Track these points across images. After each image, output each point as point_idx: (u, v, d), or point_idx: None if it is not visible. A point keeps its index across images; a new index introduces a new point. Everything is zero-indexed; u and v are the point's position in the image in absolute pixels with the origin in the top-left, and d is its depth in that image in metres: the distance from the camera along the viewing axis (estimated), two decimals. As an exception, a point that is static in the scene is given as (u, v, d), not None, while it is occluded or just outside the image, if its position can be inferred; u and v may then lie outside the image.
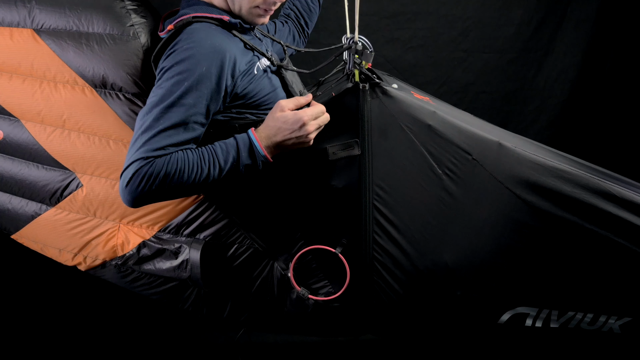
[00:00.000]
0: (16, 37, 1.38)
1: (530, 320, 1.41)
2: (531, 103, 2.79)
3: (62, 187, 1.48)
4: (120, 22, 1.34)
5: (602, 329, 1.40)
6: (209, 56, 1.22)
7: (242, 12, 1.34)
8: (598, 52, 2.71)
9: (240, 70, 1.28)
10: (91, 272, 1.60)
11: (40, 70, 1.38)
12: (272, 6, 1.33)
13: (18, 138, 1.46)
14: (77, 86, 1.38)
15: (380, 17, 2.61)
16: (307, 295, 1.42)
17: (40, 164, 1.48)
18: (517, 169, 1.28)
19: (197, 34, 1.25)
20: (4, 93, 1.42)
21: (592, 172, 1.32)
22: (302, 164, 1.34)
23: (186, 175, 1.18)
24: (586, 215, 1.28)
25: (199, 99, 1.20)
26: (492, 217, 1.32)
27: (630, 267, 1.32)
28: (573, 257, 1.33)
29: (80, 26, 1.35)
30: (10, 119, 1.45)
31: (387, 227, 1.37)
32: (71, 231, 1.53)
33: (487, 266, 1.36)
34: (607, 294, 1.36)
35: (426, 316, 1.45)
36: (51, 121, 1.41)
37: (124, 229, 1.50)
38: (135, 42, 1.34)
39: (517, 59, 2.73)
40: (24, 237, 1.60)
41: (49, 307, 2.68)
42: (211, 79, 1.21)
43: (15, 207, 1.55)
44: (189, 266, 1.42)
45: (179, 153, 1.18)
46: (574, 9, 2.66)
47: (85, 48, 1.35)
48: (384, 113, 1.30)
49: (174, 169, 1.16)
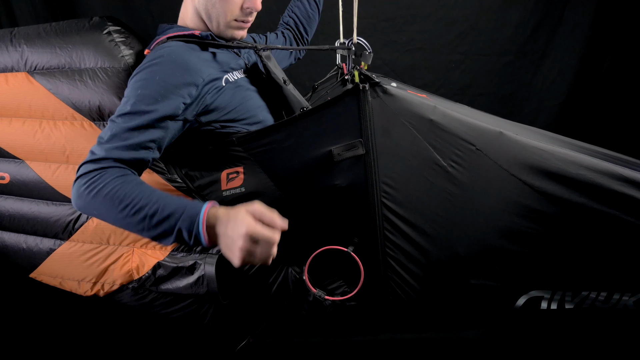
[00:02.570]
0: (11, 82, 1.42)
1: (545, 303, 1.43)
2: (528, 105, 2.81)
3: (73, 220, 1.51)
4: (111, 55, 1.38)
5: (616, 307, 1.41)
6: (167, 66, 1.26)
7: (220, 29, 1.39)
8: (595, 54, 2.71)
9: (204, 79, 1.31)
10: (109, 298, 1.63)
11: (38, 110, 1.42)
12: (249, 17, 1.37)
13: (25, 178, 1.49)
14: (75, 121, 1.41)
15: (378, 20, 2.64)
16: (324, 297, 1.43)
17: (49, 201, 1.51)
18: (520, 155, 1.30)
19: (163, 49, 1.31)
20: (6, 137, 1.46)
21: (595, 153, 1.34)
22: (308, 167, 1.36)
23: (127, 195, 1.14)
24: (593, 195, 1.29)
25: (152, 105, 1.22)
26: (500, 204, 1.34)
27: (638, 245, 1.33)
28: (583, 237, 1.34)
29: (72, 63, 1.39)
30: (15, 160, 1.48)
31: (397, 223, 1.38)
32: (87, 261, 1.55)
33: (498, 253, 1.37)
34: (619, 271, 1.37)
35: (443, 307, 1.46)
36: (55, 158, 1.45)
37: (138, 252, 1.53)
38: (127, 72, 1.37)
39: (514, 61, 2.75)
40: (42, 274, 1.63)
41: (42, 303, 2.65)
42: (167, 88, 1.24)
43: (30, 245, 1.58)
44: (206, 281, 1.44)
45: (134, 176, 1.18)
46: (570, 12, 2.67)
47: (79, 84, 1.38)
48: (385, 111, 1.32)
49: (117, 184, 1.14)
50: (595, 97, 2.77)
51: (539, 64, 2.76)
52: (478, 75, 2.76)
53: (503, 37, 2.71)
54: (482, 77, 2.76)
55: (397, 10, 2.65)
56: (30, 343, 2.59)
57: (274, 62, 1.51)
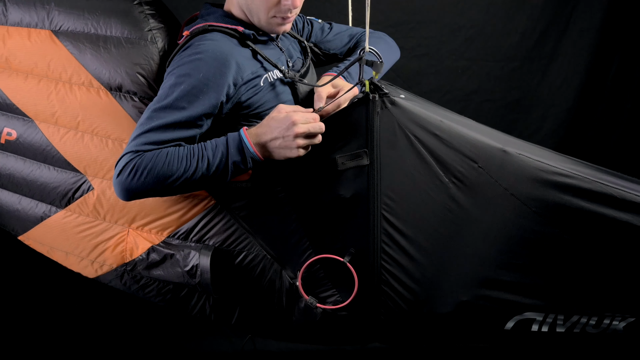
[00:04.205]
0: (34, 38, 1.39)
1: (536, 326, 1.42)
2: (535, 111, 2.81)
3: (73, 189, 1.48)
4: (138, 27, 1.36)
5: (606, 331, 1.42)
6: (211, 64, 1.26)
7: (261, 24, 1.36)
8: (602, 60, 2.73)
9: (243, 78, 1.31)
10: (99, 280, 1.59)
11: (56, 71, 1.39)
12: (288, 13, 1.34)
13: (31, 139, 1.46)
14: (92, 88, 1.38)
15: (384, 26, 2.58)
16: (316, 304, 1.42)
17: (52, 166, 1.48)
18: (521, 175, 1.30)
19: (205, 41, 1.30)
20: (19, 93, 1.43)
21: (596, 174, 1.33)
22: (311, 173, 1.35)
23: (175, 167, 1.21)
24: (589, 219, 1.29)
25: (193, 103, 1.24)
26: (499, 224, 1.33)
27: (632, 267, 1.34)
28: (577, 260, 1.34)
29: (99, 29, 1.37)
30: (25, 119, 1.45)
31: (396, 236, 1.37)
32: (79, 234, 1.52)
33: (494, 273, 1.37)
34: (610, 295, 1.38)
35: (434, 323, 1.45)
36: (65, 122, 1.42)
37: (133, 234, 1.50)
38: (152, 47, 1.35)
39: (521, 67, 2.74)
40: (31, 239, 1.59)
41: (50, 311, 2.67)
42: (208, 85, 1.25)
43: (25, 207, 1.55)
44: (199, 271, 1.41)
45: (169, 148, 1.23)
46: (577, 18, 2.68)
47: (103, 51, 1.36)
48: (392, 123, 1.31)
49: (162, 161, 1.20)
50: (602, 102, 2.78)
51: (546, 70, 2.75)
52: (484, 81, 2.76)
53: (510, 43, 2.71)
54: (488, 83, 2.76)
55: (403, 16, 2.65)
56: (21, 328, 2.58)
57: (309, 75, 1.50)
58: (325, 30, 1.68)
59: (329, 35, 1.68)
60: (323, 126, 1.26)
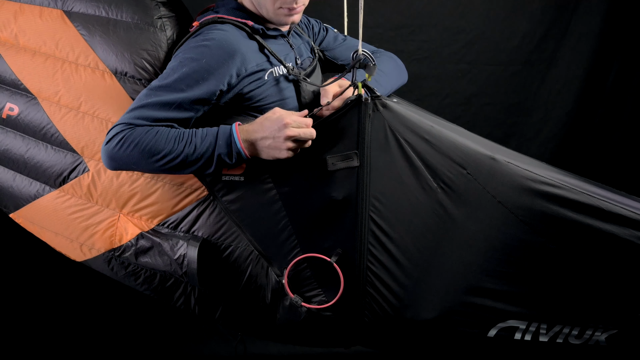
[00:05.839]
0: (45, 16, 1.41)
1: (519, 334, 1.42)
2: (535, 115, 2.81)
3: (68, 170, 1.48)
4: (149, 14, 1.38)
5: (588, 342, 1.42)
6: (216, 52, 1.29)
7: (269, 15, 1.38)
8: (601, 64, 2.74)
9: (247, 70, 1.34)
10: (87, 263, 1.59)
11: (64, 51, 1.41)
12: (294, 4, 1.36)
13: (32, 116, 1.47)
14: (97, 70, 1.40)
15: (384, 30, 2.65)
16: (300, 303, 1.42)
17: (50, 145, 1.48)
18: (509, 183, 1.31)
19: (214, 31, 1.33)
20: (25, 70, 1.44)
21: (585, 186, 1.34)
22: (302, 172, 1.36)
23: (161, 146, 1.24)
24: (574, 229, 1.30)
25: (192, 87, 1.27)
26: (485, 231, 1.34)
27: (617, 280, 1.35)
28: (562, 270, 1.35)
29: (110, 13, 1.40)
30: (28, 95, 1.46)
31: (382, 239, 1.38)
32: (71, 216, 1.52)
33: (479, 281, 1.37)
34: (593, 306, 1.39)
35: (417, 328, 1.44)
36: (67, 102, 1.43)
37: (124, 219, 1.50)
38: (160, 34, 1.38)
39: (521, 71, 2.76)
40: (22, 217, 1.59)
41: (50, 310, 2.64)
42: (210, 72, 1.28)
43: (19, 185, 1.55)
44: (186, 261, 1.41)
45: (161, 127, 1.26)
46: (577, 22, 2.69)
47: (112, 34, 1.38)
48: (383, 126, 1.33)
49: (150, 138, 1.24)
50: (601, 106, 2.79)
51: (546, 74, 2.77)
52: (485, 85, 2.77)
53: (510, 47, 2.72)
54: (488, 86, 2.77)
55: (403, 19, 2.67)
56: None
57: (315, 76, 1.52)
58: (339, 40, 1.70)
59: (341, 46, 1.70)
60: (314, 133, 1.28)
